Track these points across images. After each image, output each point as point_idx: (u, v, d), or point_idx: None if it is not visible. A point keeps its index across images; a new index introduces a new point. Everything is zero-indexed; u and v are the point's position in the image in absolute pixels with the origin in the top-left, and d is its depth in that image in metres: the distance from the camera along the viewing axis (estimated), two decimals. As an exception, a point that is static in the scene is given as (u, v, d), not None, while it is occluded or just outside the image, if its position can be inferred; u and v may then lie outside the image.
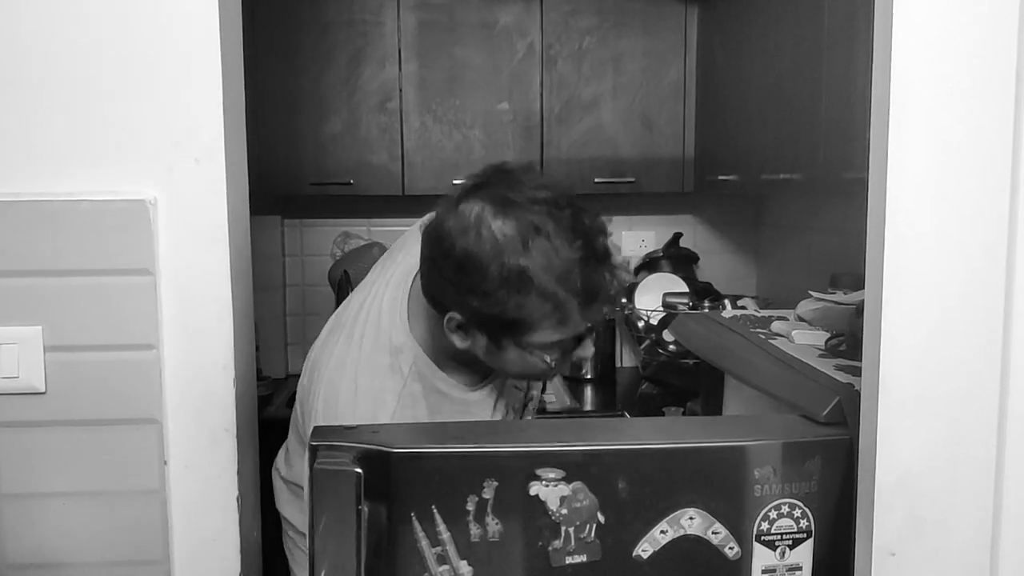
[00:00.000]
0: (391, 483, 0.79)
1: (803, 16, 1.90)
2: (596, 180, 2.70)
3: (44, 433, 1.09)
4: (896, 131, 0.78)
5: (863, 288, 1.28)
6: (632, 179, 2.69)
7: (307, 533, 0.81)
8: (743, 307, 2.53)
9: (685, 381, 2.57)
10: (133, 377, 1.09)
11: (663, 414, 2.27)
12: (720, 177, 2.49)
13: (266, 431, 1.34)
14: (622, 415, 2.44)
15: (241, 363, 1.16)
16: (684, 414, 2.23)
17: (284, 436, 1.49)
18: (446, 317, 1.15)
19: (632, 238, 3.06)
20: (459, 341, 1.17)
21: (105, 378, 1.09)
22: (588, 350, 1.18)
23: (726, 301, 2.60)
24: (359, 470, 0.77)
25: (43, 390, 1.08)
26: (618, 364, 3.02)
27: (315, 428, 0.82)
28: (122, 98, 1.08)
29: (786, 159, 2.01)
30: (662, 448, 0.83)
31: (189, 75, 1.08)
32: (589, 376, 2.86)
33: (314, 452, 0.78)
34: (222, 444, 1.13)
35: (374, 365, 1.21)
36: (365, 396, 1.20)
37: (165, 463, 1.11)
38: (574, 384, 2.79)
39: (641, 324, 2.79)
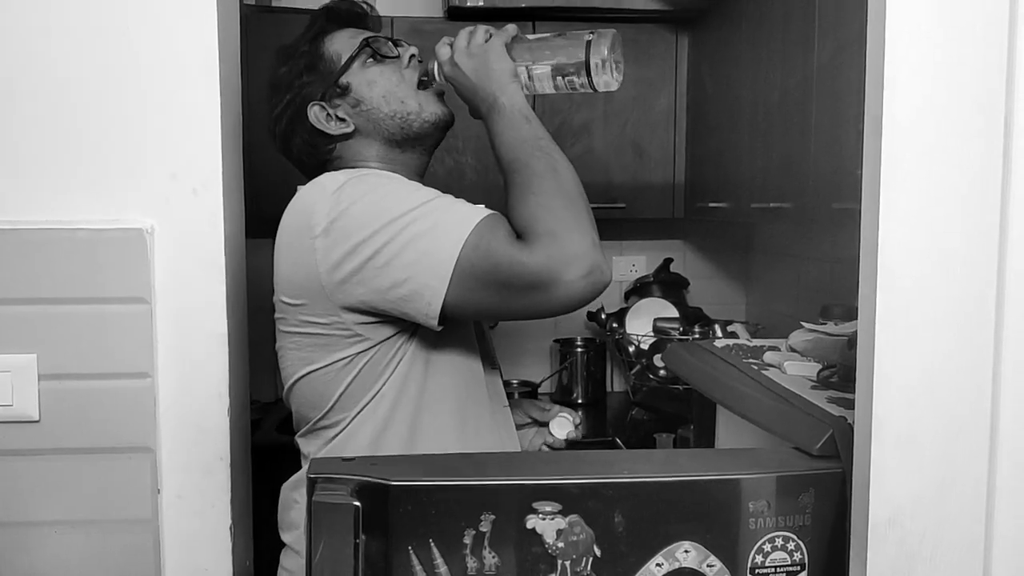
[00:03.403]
0: (389, 515, 0.79)
1: (792, 48, 1.93)
2: (587, 205, 2.71)
3: (37, 462, 1.09)
4: (888, 170, 0.79)
5: (854, 319, 1.30)
6: (623, 205, 2.71)
7: (304, 565, 0.82)
8: (733, 332, 2.55)
9: (676, 407, 2.58)
10: (127, 406, 1.09)
11: (654, 440, 2.28)
12: (710, 204, 2.51)
13: (256, 456, 1.34)
14: (613, 440, 2.44)
15: (236, 392, 1.17)
16: (675, 440, 2.24)
17: (273, 460, 1.48)
18: (312, 120, 1.31)
19: (623, 263, 3.08)
20: (336, 127, 1.31)
21: (99, 406, 1.09)
22: (408, 48, 1.37)
23: (716, 326, 2.62)
24: (357, 503, 0.77)
25: (37, 418, 1.08)
26: (608, 389, 3.03)
27: (313, 460, 0.82)
28: (121, 128, 1.08)
29: (775, 188, 2.03)
30: (658, 481, 0.84)
31: (188, 106, 1.09)
32: (580, 401, 2.87)
33: (312, 484, 0.79)
34: (216, 473, 1.13)
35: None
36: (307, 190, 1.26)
37: (158, 492, 1.11)
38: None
39: (632, 349, 2.80)
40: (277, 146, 1.41)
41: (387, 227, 1.11)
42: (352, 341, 1.19)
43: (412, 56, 1.36)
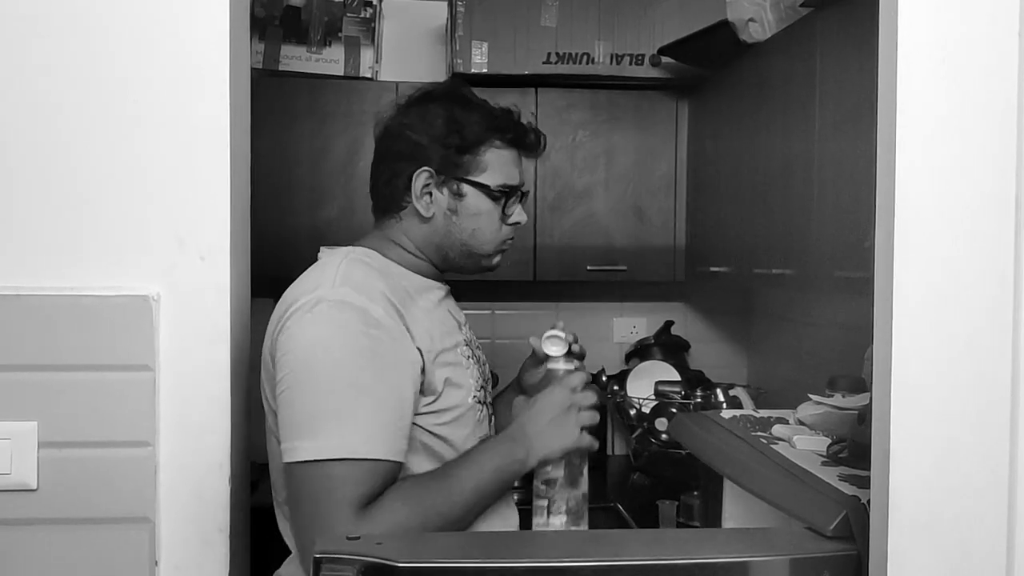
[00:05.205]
0: (395, 598, 0.78)
1: (793, 116, 1.95)
2: (588, 268, 2.72)
3: (34, 531, 1.06)
4: (900, 248, 0.79)
5: (862, 391, 1.29)
6: (624, 267, 2.72)
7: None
8: (735, 397, 2.53)
9: (678, 472, 2.54)
10: (127, 475, 1.08)
11: (656, 507, 2.24)
12: (711, 269, 2.51)
13: (254, 518, 1.32)
14: (614, 506, 2.41)
15: (237, 462, 1.15)
16: (678, 508, 2.20)
17: (269, 523, 1.45)
18: (414, 177, 1.28)
19: (623, 324, 3.07)
20: (424, 208, 1.29)
21: (99, 475, 1.07)
22: (522, 216, 1.35)
23: (718, 390, 2.60)
24: (363, 585, 0.76)
25: (35, 487, 1.06)
26: (609, 452, 2.99)
27: (320, 537, 0.80)
28: (128, 196, 1.08)
29: (777, 255, 2.04)
30: (669, 564, 0.82)
31: (197, 171, 1.09)
32: (580, 465, 2.84)
33: (318, 564, 0.77)
34: (215, 545, 1.11)
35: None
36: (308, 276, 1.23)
37: (156, 564, 1.08)
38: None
39: (633, 412, 2.78)
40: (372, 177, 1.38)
41: (302, 379, 1.14)
42: None
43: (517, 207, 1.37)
